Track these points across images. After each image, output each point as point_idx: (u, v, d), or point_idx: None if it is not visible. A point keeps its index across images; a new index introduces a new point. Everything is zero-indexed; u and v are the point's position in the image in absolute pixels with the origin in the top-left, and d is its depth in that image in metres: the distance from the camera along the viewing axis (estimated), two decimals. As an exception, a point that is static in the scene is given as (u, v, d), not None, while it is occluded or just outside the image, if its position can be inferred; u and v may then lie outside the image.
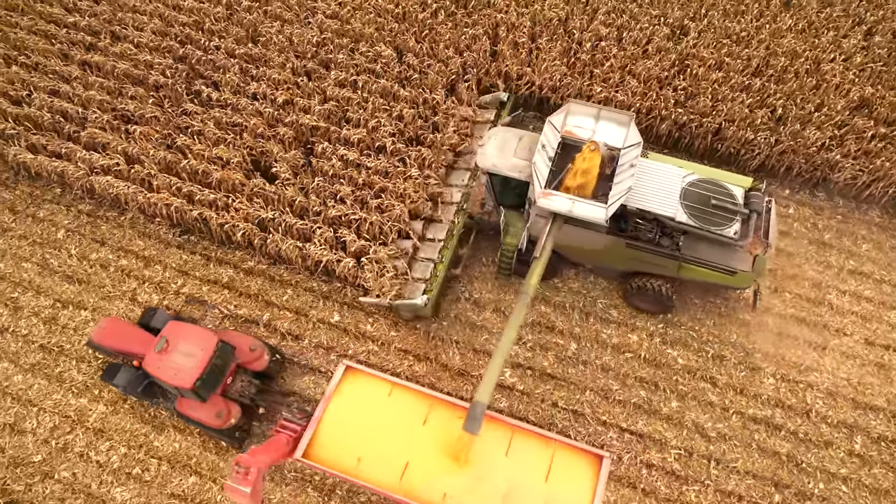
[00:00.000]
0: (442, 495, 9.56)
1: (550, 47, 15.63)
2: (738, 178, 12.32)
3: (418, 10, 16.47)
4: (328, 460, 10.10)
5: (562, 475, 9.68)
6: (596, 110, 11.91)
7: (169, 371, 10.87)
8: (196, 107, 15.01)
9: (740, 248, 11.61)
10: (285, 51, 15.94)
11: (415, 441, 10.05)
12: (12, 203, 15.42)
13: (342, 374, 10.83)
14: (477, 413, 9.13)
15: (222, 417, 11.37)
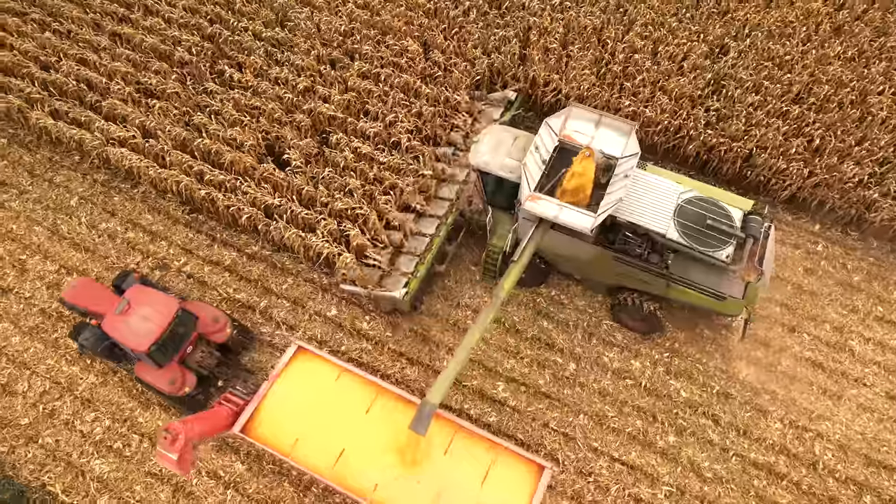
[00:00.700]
0: (373, 486, 9.46)
1: (581, 55, 15.12)
2: (739, 199, 11.71)
3: (450, 7, 16.12)
4: (266, 437, 10.08)
5: (499, 481, 9.45)
6: (597, 116, 11.45)
7: (126, 333, 10.79)
8: (217, 87, 14.94)
9: (732, 273, 11.04)
10: (312, 37, 15.77)
11: (354, 429, 9.93)
12: (32, 166, 15.61)
13: (293, 353, 10.68)
14: (425, 413, 8.87)
15: (175, 384, 11.26)
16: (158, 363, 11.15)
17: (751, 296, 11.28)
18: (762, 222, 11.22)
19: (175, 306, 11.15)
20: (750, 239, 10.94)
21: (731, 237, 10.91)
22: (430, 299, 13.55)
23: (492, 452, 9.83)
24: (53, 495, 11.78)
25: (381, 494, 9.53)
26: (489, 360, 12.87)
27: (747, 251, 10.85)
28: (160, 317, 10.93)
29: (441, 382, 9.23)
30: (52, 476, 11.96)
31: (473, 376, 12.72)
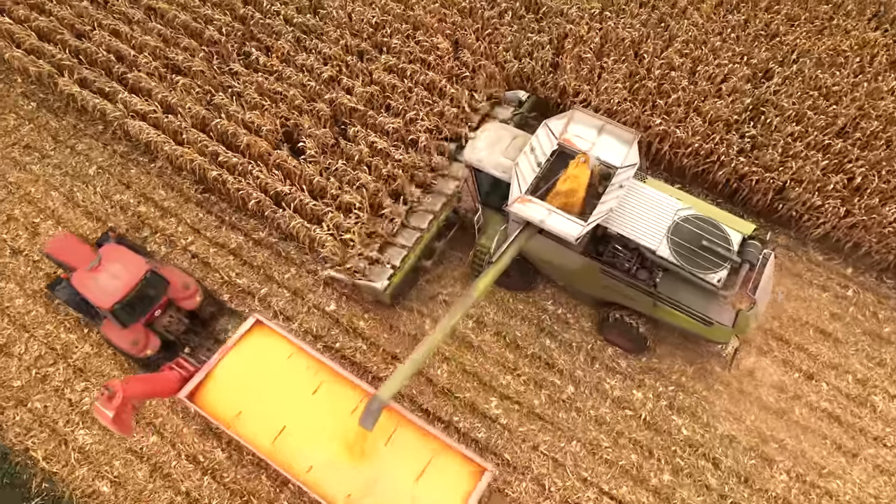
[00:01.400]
0: (307, 467, 9.31)
1: (616, 68, 14.53)
2: (740, 222, 11.07)
3: (485, 7, 15.71)
4: (210, 407, 10.07)
5: (436, 478, 9.21)
6: (601, 123, 11.02)
7: (94, 289, 10.84)
8: (242, 68, 14.84)
9: (723, 299, 10.49)
10: (342, 27, 15.55)
11: (298, 408, 9.81)
12: (56, 132, 15.77)
13: (250, 326, 10.56)
14: (373, 408, 8.66)
15: (138, 346, 11.27)
16: (123, 322, 11.14)
17: (741, 324, 10.67)
18: (761, 249, 10.61)
19: (144, 268, 11.13)
20: (746, 265, 10.36)
21: (726, 261, 10.29)
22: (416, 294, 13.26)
23: (434, 448, 9.54)
24: (34, 460, 11.78)
25: (314, 476, 9.37)
26: (485, 374, 12.43)
27: (741, 277, 10.27)
28: (128, 276, 10.93)
29: (394, 379, 9.01)
30: (36, 441, 11.96)
31: (467, 388, 12.29)
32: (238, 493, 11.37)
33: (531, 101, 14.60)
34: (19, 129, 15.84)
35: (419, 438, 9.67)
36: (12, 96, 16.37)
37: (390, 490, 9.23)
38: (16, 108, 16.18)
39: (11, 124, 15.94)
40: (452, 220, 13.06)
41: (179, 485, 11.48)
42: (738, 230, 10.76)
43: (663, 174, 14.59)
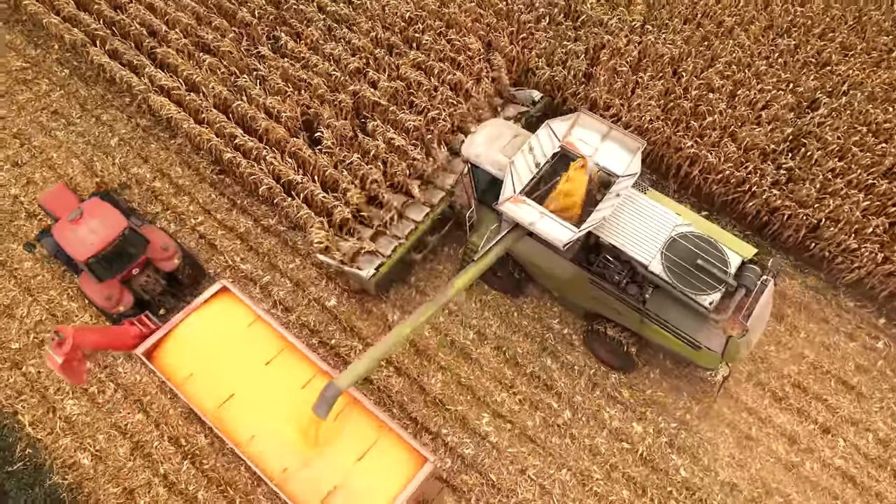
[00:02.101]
0: (249, 436, 9.26)
1: (651, 85, 13.90)
2: (742, 245, 10.55)
3: (522, 10, 15.23)
4: (165, 366, 10.08)
5: (376, 461, 9.04)
6: (606, 128, 10.56)
7: (71, 241, 11.00)
8: (269, 52, 14.68)
9: (714, 323, 9.96)
10: (375, 19, 15.27)
11: (250, 377, 9.73)
12: (84, 100, 15.88)
13: (216, 291, 10.54)
14: (328, 395, 8.46)
15: (111, 301, 11.38)
16: (98, 276, 11.28)
17: (731, 352, 10.08)
18: (760, 274, 10.05)
19: (122, 225, 11.24)
20: (741, 290, 9.84)
21: (721, 283, 9.72)
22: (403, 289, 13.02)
23: (379, 432, 9.34)
24: (21, 425, 11.78)
25: (254, 446, 9.25)
26: (480, 388, 11.97)
27: (735, 302, 9.76)
28: (106, 231, 11.05)
29: (353, 369, 8.79)
30: (25, 406, 11.98)
31: (460, 401, 11.85)
32: (215, 482, 11.16)
33: (544, 102, 14.22)
34: (50, 95, 16.02)
35: (366, 420, 9.44)
36: (48, 62, 16.57)
37: (328, 467, 9.00)
38: (50, 74, 16.37)
39: (43, 89, 16.13)
40: (448, 215, 12.78)
41: (159, 466, 11.33)
42: (738, 253, 10.22)
43: (691, 199, 13.91)
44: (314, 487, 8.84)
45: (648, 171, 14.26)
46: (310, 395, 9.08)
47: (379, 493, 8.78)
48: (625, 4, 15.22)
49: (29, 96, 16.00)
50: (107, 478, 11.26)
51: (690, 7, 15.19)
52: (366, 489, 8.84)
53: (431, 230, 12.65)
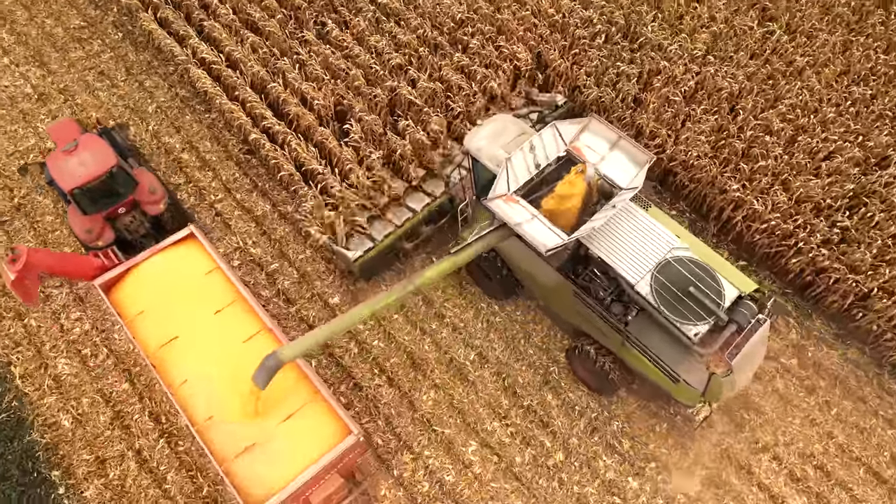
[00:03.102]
0: (183, 380, 9.21)
1: (704, 119, 12.97)
2: (742, 279, 9.76)
3: (579, 25, 14.51)
4: (117, 300, 10.14)
5: (301, 425, 8.84)
6: (616, 137, 9.94)
7: (61, 170, 11.19)
8: (313, 38, 14.42)
9: (698, 357, 9.25)
10: (425, 16, 14.83)
11: (196, 323, 9.65)
12: (131, 65, 16.01)
13: (183, 236, 10.55)
14: (268, 365, 8.18)
15: (90, 234, 11.58)
16: (83, 209, 11.47)
17: (713, 391, 9.34)
18: (755, 312, 9.35)
19: (112, 163, 11.36)
20: (732, 325, 9.17)
21: (711, 315, 8.98)
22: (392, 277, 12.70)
23: (310, 396, 9.13)
24: (12, 376, 11.80)
25: (185, 390, 9.20)
26: (472, 414, 11.33)
27: (723, 338, 9.10)
28: (95, 166, 11.21)
29: (300, 343, 8.54)
30: (20, 358, 11.99)
31: (448, 423, 11.23)
32: (187, 466, 10.88)
33: (567, 108, 13.63)
34: (100, 56, 16.23)
35: (300, 382, 9.24)
36: (104, 23, 16.81)
37: (252, 424, 8.79)
38: (104, 35, 16.60)
39: (95, 49, 16.36)
40: (446, 207, 12.35)
41: (135, 440, 11.13)
42: (736, 286, 9.46)
43: (730, 246, 12.90)
44: (233, 440, 8.70)
45: (688, 211, 13.34)
46: (250, 349, 9.12)
47: (296, 456, 8.55)
48: (689, 31, 14.30)
49: (80, 55, 16.25)
50: (83, 443, 11.13)
51: (760, 42, 14.16)
52: (283, 451, 8.65)
53: (428, 221, 12.32)
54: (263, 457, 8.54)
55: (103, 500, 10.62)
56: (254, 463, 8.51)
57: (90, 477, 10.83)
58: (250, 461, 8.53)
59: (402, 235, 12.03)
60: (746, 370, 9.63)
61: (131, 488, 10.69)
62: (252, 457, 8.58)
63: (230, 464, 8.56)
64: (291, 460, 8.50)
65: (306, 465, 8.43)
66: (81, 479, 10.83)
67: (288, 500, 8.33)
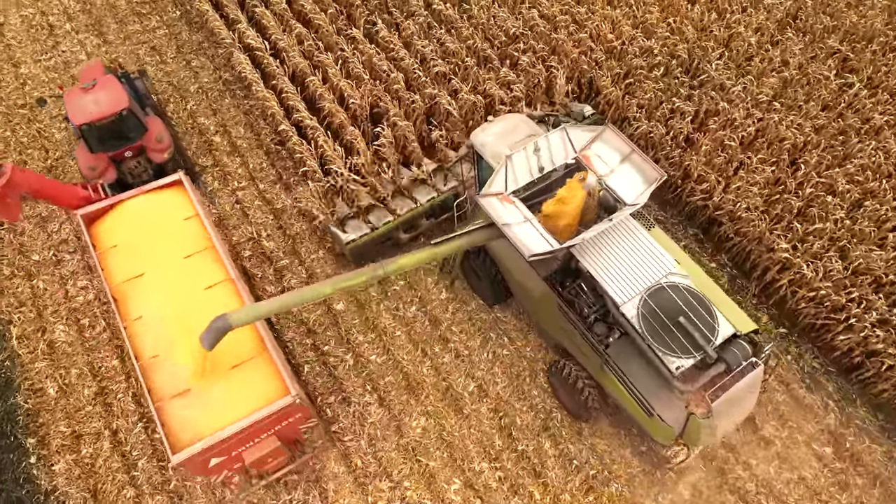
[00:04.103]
0: (138, 315, 9.23)
1: (760, 169, 11.91)
2: (742, 317, 9.13)
3: (637, 54, 13.67)
4: (96, 233, 10.21)
5: (242, 379, 8.67)
6: (629, 150, 9.38)
7: (75, 106, 11.35)
8: (361, 36, 14.08)
9: (678, 393, 8.59)
10: (478, 28, 14.30)
11: (164, 264, 9.66)
12: (183, 43, 16.08)
13: (171, 181, 10.56)
14: (216, 327, 7.96)
15: (94, 171, 11.66)
16: (90, 146, 11.63)
17: (690, 433, 8.72)
18: (748, 353, 8.63)
19: (122, 105, 11.45)
20: (721, 364, 8.54)
21: (698, 350, 8.33)
22: None
23: (257, 353, 8.98)
24: (9, 335, 11.73)
25: (137, 326, 9.19)
26: (460, 449, 10.54)
27: (708, 376, 8.50)
28: (107, 106, 11.34)
29: (253, 309, 8.38)
30: (21, 318, 11.93)
31: (434, 456, 10.48)
32: (159, 455, 10.49)
33: (593, 118, 12.97)
34: (155, 32, 16.37)
35: (250, 336, 9.10)
36: (164, 1, 16.99)
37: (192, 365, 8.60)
38: (162, 12, 16.77)
39: (152, 25, 16.53)
40: (450, 203, 11.84)
41: (114, 421, 10.82)
42: (733, 323, 8.80)
43: (770, 310, 11.75)
44: (172, 382, 8.62)
45: (729, 265, 12.27)
46: (209, 297, 9.18)
47: (230, 408, 8.39)
48: (756, 74, 13.26)
49: (137, 28, 16.43)
50: (63, 415, 10.90)
51: (835, 94, 12.99)
52: (219, 400, 8.49)
53: (429, 215, 12.01)
54: (198, 402, 8.46)
55: (71, 478, 10.32)
56: (187, 407, 8.44)
57: (63, 451, 10.56)
58: (184, 405, 8.47)
59: (401, 225, 11.77)
60: (730, 416, 8.82)
61: (100, 469, 10.37)
62: (186, 401, 8.50)
63: (164, 403, 8.51)
64: (225, 411, 8.36)
65: (238, 418, 8.27)
66: (54, 451, 10.58)
67: (214, 448, 8.17)
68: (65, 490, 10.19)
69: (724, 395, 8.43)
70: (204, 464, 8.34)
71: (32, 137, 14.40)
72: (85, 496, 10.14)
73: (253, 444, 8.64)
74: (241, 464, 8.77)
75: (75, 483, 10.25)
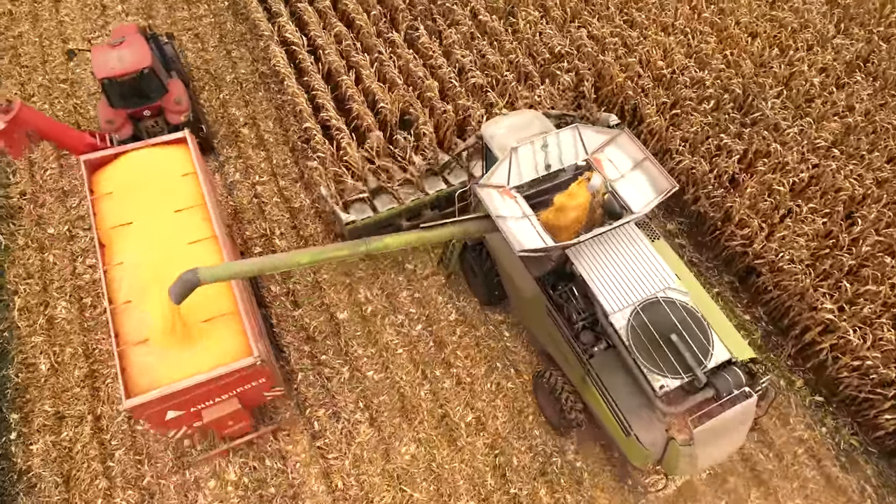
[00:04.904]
0: (119, 261, 9.17)
1: (810, 220, 10.92)
2: (741, 344, 8.62)
3: (688, 85, 12.87)
4: (98, 179, 10.16)
5: (206, 333, 8.54)
6: (642, 156, 8.94)
7: (100, 60, 11.55)
8: (400, 40, 13.69)
9: (660, 414, 8.06)
10: (522, 42, 13.75)
11: (155, 216, 9.61)
12: (226, 33, 16.07)
13: (177, 137, 10.57)
14: (185, 280, 7.77)
15: (111, 125, 11.83)
16: (110, 101, 11.83)
17: (669, 460, 8.19)
18: (741, 382, 7.95)
19: (144, 64, 11.62)
20: (710, 390, 7.94)
21: (687, 372, 7.82)
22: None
23: (227, 310, 8.79)
24: (12, 306, 11.61)
25: (117, 271, 9.12)
26: (449, 483, 9.83)
27: (694, 401, 7.95)
28: (130, 63, 11.54)
29: (227, 268, 8.20)
30: (26, 290, 11.81)
31: (419, 487, 9.78)
32: (138, 449, 10.09)
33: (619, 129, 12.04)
34: (201, 20, 16.42)
35: (225, 296, 8.92)
36: (214, -11, 17.07)
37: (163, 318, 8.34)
38: (211, 1, 16.83)
39: (200, 12, 16.60)
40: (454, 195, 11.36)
41: (97, 407, 10.50)
42: (730, 349, 8.17)
43: (806, 374, 10.69)
44: (139, 330, 8.50)
45: (764, 320, 11.26)
46: (191, 252, 9.09)
47: (192, 362, 8.27)
48: (816, 117, 12.29)
49: (185, 15, 16.51)
50: (50, 393, 10.64)
51: (905, 146, 11.91)
52: (182, 353, 8.35)
53: (434, 206, 11.66)
54: (160, 352, 8.33)
55: (47, 460, 10.02)
56: (149, 354, 8.34)
57: (43, 431, 10.28)
58: (146, 352, 8.36)
59: (404, 213, 11.41)
60: (715, 447, 8.12)
61: (77, 455, 10.03)
62: (149, 349, 8.38)
63: (128, 348, 8.44)
64: (187, 364, 8.24)
65: (194, 371, 8.15)
66: (35, 429, 10.31)
67: (170, 400, 8.09)
68: (38, 472, 9.89)
69: (709, 423, 7.83)
70: (160, 415, 8.29)
71: (69, 112, 14.49)
72: (57, 481, 9.80)
73: (213, 404, 8.62)
74: (201, 422, 8.70)
75: (50, 466, 9.94)
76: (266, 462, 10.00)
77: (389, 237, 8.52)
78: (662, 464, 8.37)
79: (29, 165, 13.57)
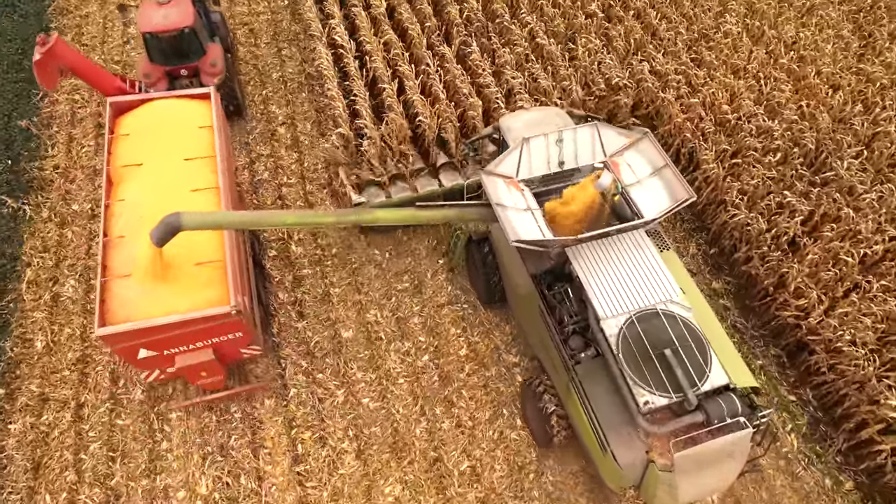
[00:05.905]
0: (122, 198, 9.27)
1: (880, 298, 9.58)
2: (743, 372, 7.94)
3: (753, 134, 11.74)
4: (120, 122, 10.31)
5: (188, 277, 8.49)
6: (662, 163, 8.55)
7: (145, 15, 11.87)
8: (451, 55, 13.10)
9: (642, 433, 7.52)
10: (578, 70, 12.95)
11: (165, 160, 9.66)
12: (281, 31, 15.90)
13: (204, 93, 10.62)
14: (167, 221, 7.67)
15: (148, 79, 12.05)
16: (150, 55, 12.11)
17: (647, 486, 7.58)
18: (737, 412, 7.29)
19: (186, 24, 11.81)
20: (700, 414, 7.32)
21: (677, 392, 7.29)
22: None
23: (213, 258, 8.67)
24: (23, 277, 11.45)
25: (117, 207, 9.16)
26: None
27: (682, 423, 7.33)
28: (172, 21, 11.78)
29: (208, 217, 8.14)
30: (39, 263, 11.65)
31: None
32: (114, 445, 9.63)
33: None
34: (259, 15, 16.35)
35: (214, 245, 8.85)
36: (279, -13, 17.01)
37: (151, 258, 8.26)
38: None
39: (258, 9, 16.53)
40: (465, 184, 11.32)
41: (82, 393, 10.13)
42: (730, 376, 7.57)
43: (857, 476, 9.28)
44: (125, 264, 8.50)
45: (812, 403, 9.92)
46: (190, 198, 9.05)
47: (171, 303, 8.24)
48: (898, 183, 10.96)
49: (243, 10, 16.48)
50: (39, 372, 10.33)
51: None
52: (162, 293, 8.33)
53: (446, 197, 11.27)
54: (141, 289, 8.29)
55: (22, 442, 9.65)
56: (130, 289, 8.31)
57: (25, 411, 9.94)
58: (128, 286, 8.34)
59: (415, 202, 10.66)
60: (700, 479, 7.37)
61: (53, 441, 9.64)
62: (131, 284, 8.34)
63: (111, 280, 8.45)
64: (165, 304, 8.22)
65: (170, 310, 8.14)
66: (17, 408, 9.98)
67: (142, 336, 8.07)
68: (10, 454, 9.51)
69: (692, 449, 7.19)
70: (132, 351, 8.29)
71: (115, 92, 14.52)
72: (27, 466, 9.39)
73: (187, 350, 8.63)
74: (173, 367, 8.71)
75: (23, 449, 9.56)
76: (241, 480, 9.35)
77: (381, 211, 8.35)
78: (640, 490, 7.76)
79: (68, 140, 13.60)
